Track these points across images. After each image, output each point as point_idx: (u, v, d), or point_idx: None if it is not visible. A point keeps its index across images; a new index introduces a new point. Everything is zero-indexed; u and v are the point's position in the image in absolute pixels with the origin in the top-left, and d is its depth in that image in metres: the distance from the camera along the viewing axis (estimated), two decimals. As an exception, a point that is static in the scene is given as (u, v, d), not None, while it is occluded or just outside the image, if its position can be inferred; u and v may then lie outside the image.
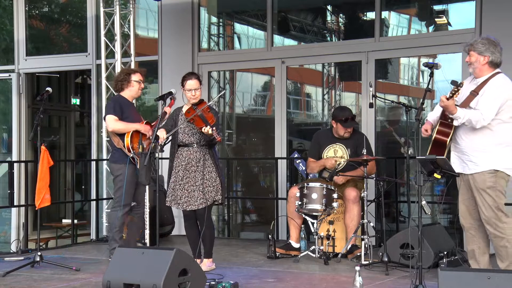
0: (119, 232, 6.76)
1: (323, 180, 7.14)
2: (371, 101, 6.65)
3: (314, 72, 10.76)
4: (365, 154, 6.77)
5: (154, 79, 10.24)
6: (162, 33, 9.91)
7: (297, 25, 10.20)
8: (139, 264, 5.03)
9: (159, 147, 6.00)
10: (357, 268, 5.09)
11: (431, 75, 5.34)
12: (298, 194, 6.95)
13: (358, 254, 6.72)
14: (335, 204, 6.89)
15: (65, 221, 11.22)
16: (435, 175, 5.06)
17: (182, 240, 7.54)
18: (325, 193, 6.83)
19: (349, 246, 6.94)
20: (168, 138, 6.25)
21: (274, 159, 9.31)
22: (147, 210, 6.84)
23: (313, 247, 6.90)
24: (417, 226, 5.21)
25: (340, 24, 10.55)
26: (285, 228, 8.46)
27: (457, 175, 5.27)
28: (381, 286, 5.66)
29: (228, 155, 10.53)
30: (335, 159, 7.22)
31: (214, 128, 5.99)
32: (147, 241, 6.68)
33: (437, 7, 9.24)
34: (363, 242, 6.54)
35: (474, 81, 5.63)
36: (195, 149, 6.26)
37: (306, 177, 8.13)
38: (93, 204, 9.89)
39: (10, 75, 10.98)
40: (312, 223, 6.89)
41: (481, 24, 8.03)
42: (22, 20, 10.97)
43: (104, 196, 9.51)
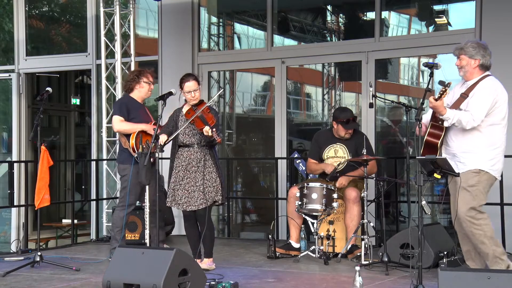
0: (121, 232, 6.78)
1: (323, 180, 7.14)
2: (371, 101, 6.64)
3: (314, 72, 10.75)
4: (365, 154, 6.76)
5: (154, 79, 10.22)
6: (162, 33, 9.91)
7: (297, 25, 10.19)
8: (139, 264, 5.03)
9: (159, 148, 6.00)
10: (357, 268, 5.08)
11: (431, 75, 5.34)
12: (298, 194, 6.95)
13: (358, 254, 6.72)
14: (335, 204, 6.89)
15: (65, 221, 11.22)
16: (435, 175, 5.06)
17: (182, 240, 7.54)
18: (325, 193, 6.82)
19: (349, 246, 6.93)
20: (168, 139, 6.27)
21: (274, 159, 9.31)
22: (147, 210, 6.86)
23: (313, 247, 6.89)
24: (417, 226, 5.21)
25: (340, 24, 10.54)
26: (285, 228, 8.46)
27: (457, 175, 5.27)
28: (381, 286, 5.66)
29: (228, 155, 10.53)
30: (335, 167, 7.18)
31: (214, 129, 5.99)
32: (147, 241, 6.68)
33: (437, 7, 9.24)
34: (363, 242, 6.54)
35: (465, 84, 5.66)
36: (195, 150, 6.26)
37: (306, 177, 8.13)
38: (93, 204, 9.89)
39: (10, 75, 10.98)
40: (312, 223, 6.89)
41: (481, 24, 8.03)
42: (22, 20, 10.98)
43: (104, 196, 9.52)
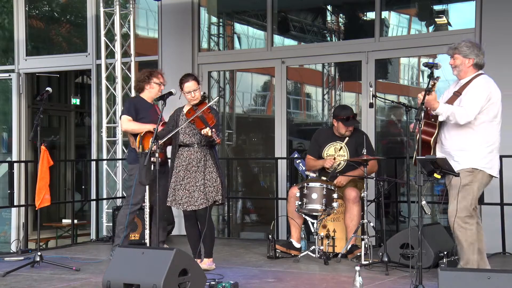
0: (124, 230, 6.83)
1: (323, 180, 7.14)
2: (371, 101, 6.65)
3: (314, 72, 10.75)
4: (365, 153, 6.76)
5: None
6: (162, 33, 9.90)
7: (297, 25, 10.19)
8: (139, 264, 5.03)
9: (159, 148, 6.01)
10: (357, 268, 5.08)
11: (431, 75, 5.34)
12: (298, 194, 6.94)
13: (358, 254, 6.72)
14: (335, 204, 6.89)
15: (65, 221, 11.22)
16: (435, 175, 5.06)
17: (182, 240, 7.55)
18: (325, 193, 6.82)
19: (349, 246, 6.93)
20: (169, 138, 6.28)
21: (274, 159, 9.31)
22: (147, 210, 6.86)
23: (313, 247, 6.89)
24: (417, 226, 5.21)
25: (340, 24, 10.54)
26: (285, 228, 8.46)
27: (457, 175, 5.26)
28: (381, 286, 5.66)
29: (228, 155, 10.53)
30: (334, 157, 7.20)
31: (213, 130, 5.99)
32: (147, 241, 6.69)
33: (437, 7, 9.24)
34: (363, 242, 6.54)
35: (458, 83, 5.66)
36: (196, 149, 6.26)
37: (306, 177, 8.13)
38: (93, 204, 9.89)
39: (10, 75, 10.98)
40: (312, 223, 6.89)
41: (481, 24, 8.03)
42: (22, 20, 10.98)
43: (104, 196, 9.52)
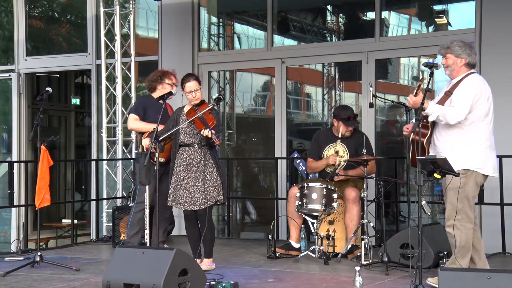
0: (132, 229, 6.90)
1: (323, 180, 7.14)
2: (371, 101, 6.66)
3: (314, 72, 10.75)
4: (365, 154, 6.76)
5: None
6: (162, 33, 9.90)
7: (297, 25, 10.19)
8: (139, 264, 5.03)
9: (159, 148, 6.01)
10: (357, 268, 5.08)
11: (431, 75, 5.35)
12: (298, 194, 6.94)
13: (358, 254, 6.72)
14: (335, 204, 6.89)
15: (65, 221, 11.22)
16: (435, 175, 5.05)
17: (182, 240, 7.55)
18: (325, 193, 6.82)
19: (349, 246, 6.93)
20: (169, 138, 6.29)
21: (274, 159, 9.31)
22: (147, 210, 6.86)
23: (313, 247, 6.89)
24: (417, 226, 5.21)
25: (340, 24, 10.54)
26: (285, 228, 8.46)
27: (457, 175, 5.26)
28: (381, 286, 5.66)
29: (228, 155, 10.53)
30: (336, 155, 7.20)
31: (213, 131, 5.98)
32: (147, 241, 6.69)
33: (437, 7, 9.24)
34: (363, 242, 6.54)
35: (451, 82, 5.66)
36: (196, 149, 6.25)
37: (306, 177, 8.13)
38: (93, 204, 9.89)
39: (10, 75, 10.99)
40: (312, 223, 6.89)
41: (481, 24, 8.03)
42: (22, 20, 10.98)
43: (104, 196, 9.53)
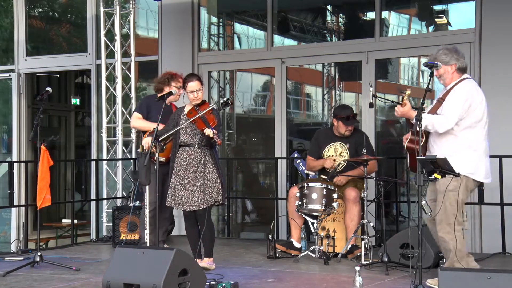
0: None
1: (323, 180, 7.14)
2: (371, 101, 6.64)
3: (314, 72, 10.75)
4: (365, 153, 6.76)
5: (154, 79, 10.23)
6: (162, 33, 9.90)
7: (297, 25, 10.19)
8: (139, 264, 5.03)
9: (159, 148, 6.01)
10: (357, 268, 5.08)
11: (431, 75, 5.34)
12: (298, 194, 6.94)
13: (358, 254, 6.72)
14: (335, 204, 6.89)
15: (65, 221, 11.22)
16: (435, 175, 5.05)
17: (182, 240, 7.55)
18: (325, 193, 6.82)
19: (349, 246, 6.93)
20: (168, 138, 6.29)
21: (274, 159, 9.31)
22: (147, 210, 6.87)
23: (313, 247, 6.89)
24: (417, 226, 5.20)
25: (340, 24, 10.54)
26: (285, 228, 8.46)
27: (457, 175, 5.26)
28: (381, 286, 5.66)
29: (228, 155, 10.53)
30: (334, 159, 7.21)
31: (214, 131, 5.99)
32: (147, 241, 6.69)
33: (437, 7, 9.24)
34: (363, 242, 6.54)
35: (444, 89, 5.63)
36: (196, 150, 6.25)
37: (306, 177, 8.13)
38: (93, 204, 9.89)
39: (10, 75, 10.99)
40: (312, 223, 6.89)
41: (481, 24, 8.03)
42: (22, 20, 10.98)
43: (104, 196, 9.53)
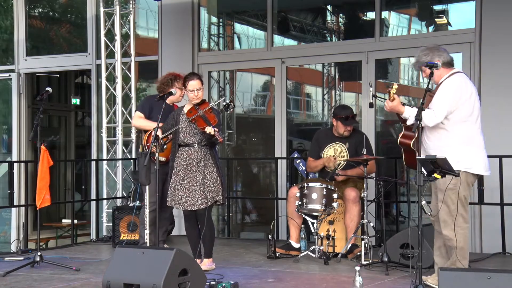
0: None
1: (323, 180, 7.14)
2: (371, 101, 6.64)
3: (314, 72, 10.75)
4: (365, 153, 6.76)
5: (154, 79, 10.24)
6: (162, 33, 9.90)
7: (297, 25, 10.19)
8: (139, 264, 5.03)
9: (160, 147, 6.02)
10: (357, 268, 5.09)
11: (431, 75, 5.33)
12: (298, 194, 6.94)
13: (358, 254, 6.72)
14: (335, 204, 6.89)
15: (65, 221, 11.22)
16: (435, 175, 5.05)
17: (182, 240, 7.55)
18: (325, 193, 6.82)
19: (349, 246, 6.93)
20: (168, 137, 6.29)
21: (274, 159, 9.31)
22: (147, 210, 6.87)
23: (313, 247, 6.89)
24: (417, 226, 5.21)
25: (340, 24, 10.54)
26: (285, 228, 8.46)
27: (457, 175, 5.26)
28: (381, 286, 5.66)
29: (228, 155, 10.53)
30: (334, 156, 7.22)
31: (216, 129, 5.99)
32: (147, 241, 6.69)
33: (437, 7, 9.24)
34: (363, 242, 6.54)
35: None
36: (196, 149, 6.25)
37: (306, 177, 8.13)
38: (93, 204, 9.89)
39: (10, 75, 10.98)
40: (312, 223, 6.89)
41: (481, 24, 8.03)
42: (22, 20, 10.98)
43: (104, 196, 9.52)
